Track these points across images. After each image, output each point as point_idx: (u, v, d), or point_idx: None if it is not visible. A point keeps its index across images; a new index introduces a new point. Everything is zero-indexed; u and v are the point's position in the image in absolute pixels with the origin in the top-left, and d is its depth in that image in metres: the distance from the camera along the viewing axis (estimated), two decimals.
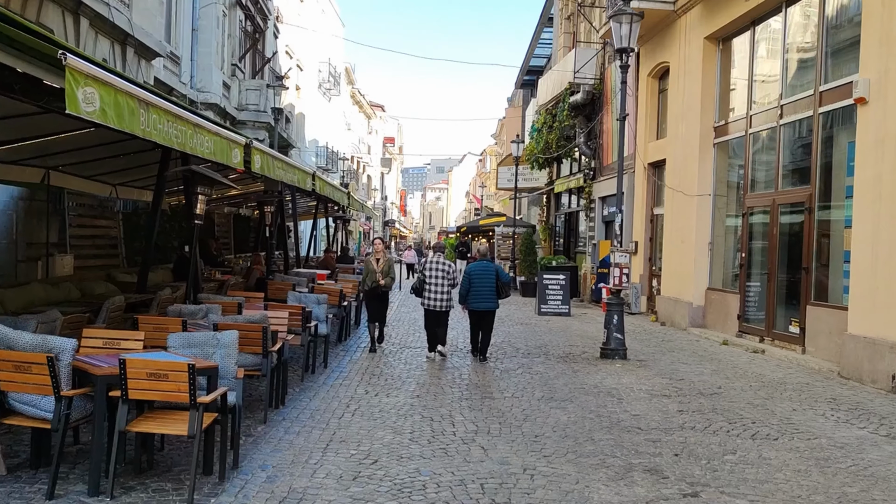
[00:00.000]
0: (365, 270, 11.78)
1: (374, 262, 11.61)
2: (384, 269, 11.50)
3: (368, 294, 11.73)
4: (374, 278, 11.48)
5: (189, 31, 19.51)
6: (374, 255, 11.82)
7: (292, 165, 10.63)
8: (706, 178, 14.98)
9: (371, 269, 11.57)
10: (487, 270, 10.99)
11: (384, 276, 11.48)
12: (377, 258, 11.64)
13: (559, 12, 27.37)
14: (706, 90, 14.95)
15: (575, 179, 23.84)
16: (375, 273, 11.48)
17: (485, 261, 11.39)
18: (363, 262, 12.00)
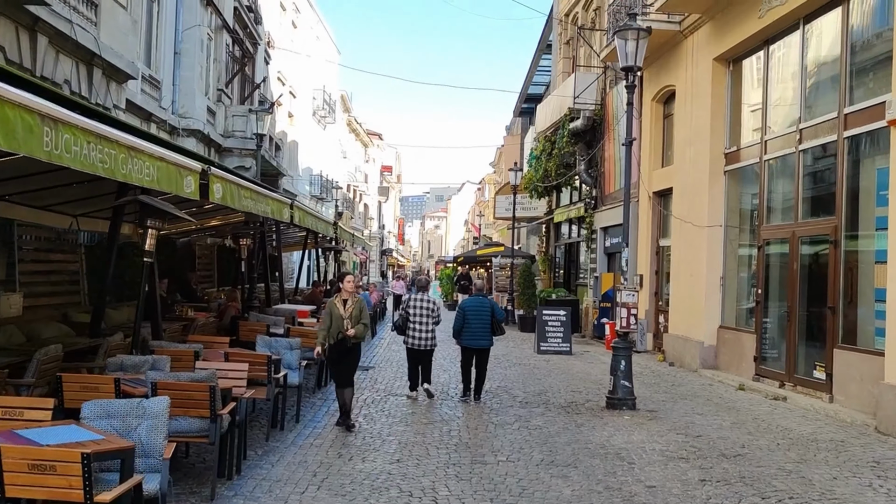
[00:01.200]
0: (326, 316, 8.76)
1: (339, 306, 8.72)
2: (354, 313, 8.66)
3: (333, 349, 8.70)
4: (340, 327, 8.61)
5: (171, 54, 18.62)
6: (342, 294, 8.87)
7: (265, 195, 9.60)
8: (717, 208, 13.97)
9: (336, 314, 8.64)
10: (482, 306, 10.68)
11: (353, 324, 8.66)
12: (344, 299, 8.78)
13: (558, 37, 26.59)
14: (716, 114, 14.00)
15: (575, 209, 22.85)
16: (342, 320, 8.60)
17: (479, 296, 11.11)
18: (326, 306, 9.17)
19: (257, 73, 26.67)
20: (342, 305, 8.77)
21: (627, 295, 10.15)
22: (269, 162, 23.98)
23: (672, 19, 15.15)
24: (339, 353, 8.75)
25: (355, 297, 8.90)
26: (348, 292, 8.88)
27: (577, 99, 20.46)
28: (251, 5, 25.03)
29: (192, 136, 18.94)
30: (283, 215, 10.80)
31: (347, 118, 53.99)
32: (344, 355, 8.75)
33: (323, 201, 40.57)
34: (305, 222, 12.47)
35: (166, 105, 18.07)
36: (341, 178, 50.00)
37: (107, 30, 12.64)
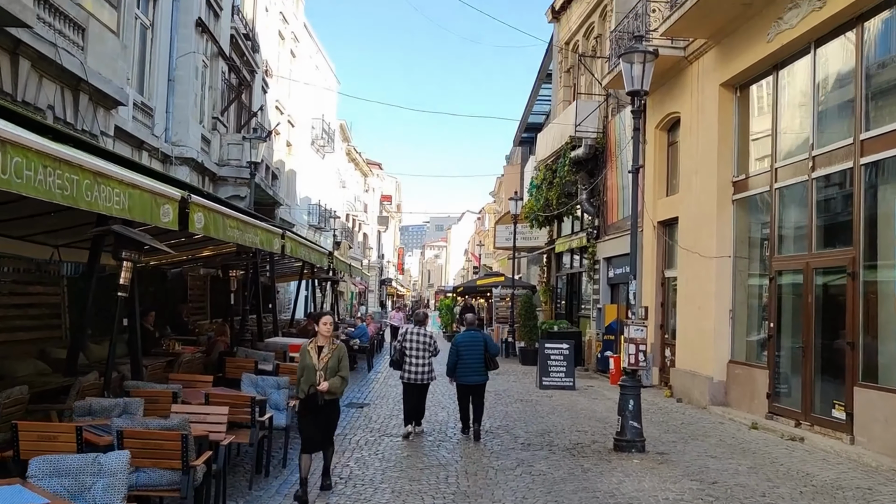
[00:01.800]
0: (299, 365, 7.33)
1: (313, 354, 7.15)
2: (330, 363, 7.09)
3: (303, 405, 7.18)
4: (312, 379, 7.06)
5: (164, 81, 18.25)
6: (317, 339, 7.29)
7: (253, 225, 9.12)
8: (725, 239, 13.48)
9: (308, 363, 7.14)
10: (475, 341, 10.50)
11: (328, 375, 7.06)
12: (320, 346, 7.21)
13: (558, 66, 26.31)
14: (723, 142, 13.57)
15: (577, 239, 22.36)
16: (314, 371, 7.05)
17: (472, 330, 10.85)
18: (300, 353, 7.53)
19: (255, 101, 26.37)
20: (316, 353, 7.18)
21: (636, 330, 9.61)
22: (265, 191, 23.56)
23: (676, 45, 14.79)
24: (309, 411, 7.11)
25: (333, 344, 7.30)
26: (325, 337, 7.27)
27: (579, 127, 20.09)
28: (248, 33, 24.80)
29: (186, 165, 18.52)
30: (274, 246, 10.31)
31: (347, 147, 53.80)
32: (316, 414, 7.10)
33: (321, 231, 40.14)
34: (298, 253, 11.98)
35: (159, 133, 17.66)
36: (340, 208, 49.65)
37: (94, 54, 12.25)
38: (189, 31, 18.82)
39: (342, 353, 7.34)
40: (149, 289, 16.20)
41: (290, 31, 33.20)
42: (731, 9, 12.26)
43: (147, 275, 16.24)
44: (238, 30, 23.20)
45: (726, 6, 12.20)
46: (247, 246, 9.59)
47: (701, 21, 12.91)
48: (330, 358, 7.17)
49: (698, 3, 12.22)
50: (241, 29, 23.58)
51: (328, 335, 7.30)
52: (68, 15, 11.39)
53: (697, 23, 13.02)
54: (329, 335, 7.32)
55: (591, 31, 22.66)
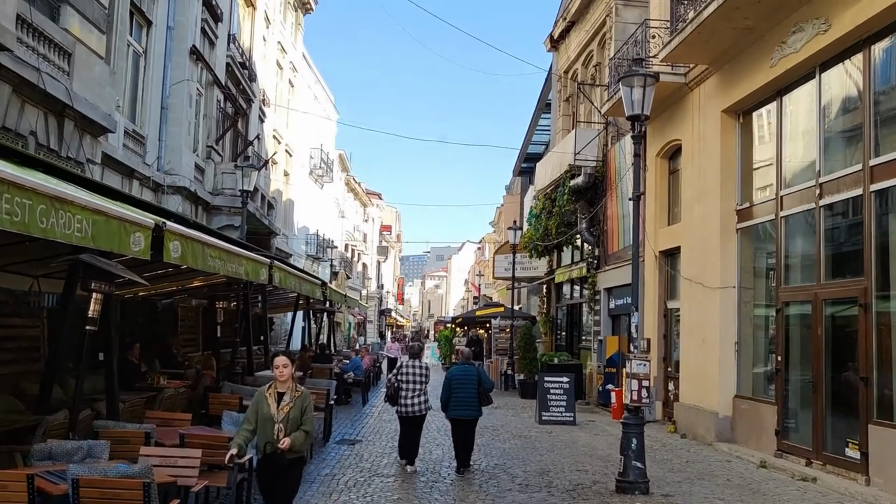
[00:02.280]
0: (251, 412, 6.08)
1: (270, 402, 5.99)
2: (292, 414, 5.92)
3: (262, 466, 6.10)
4: (271, 437, 5.89)
5: (157, 109, 17.98)
6: (276, 385, 6.08)
7: (237, 254, 8.72)
8: (729, 269, 13.07)
9: (264, 413, 5.96)
10: (469, 375, 10.32)
11: (290, 429, 5.88)
12: (279, 392, 6.02)
13: (557, 95, 26.12)
14: (725, 169, 13.22)
15: (577, 269, 21.96)
16: (272, 423, 5.90)
17: (466, 364, 10.68)
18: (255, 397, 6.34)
19: (251, 130, 26.15)
20: (275, 401, 5.96)
21: (638, 365, 9.16)
22: (260, 220, 23.24)
23: (676, 71, 14.52)
24: (269, 473, 5.99)
25: (296, 391, 6.07)
26: (282, 382, 6.03)
27: (578, 155, 19.78)
28: (245, 62, 24.64)
29: (178, 194, 18.18)
30: (261, 276, 9.89)
31: (346, 177, 53.68)
32: (277, 476, 5.97)
33: (319, 261, 39.78)
34: (287, 284, 11.56)
35: (151, 161, 17.34)
36: (339, 238, 49.35)
37: (80, 80, 11.95)
38: (183, 58, 18.59)
39: (307, 403, 6.10)
40: (137, 320, 15.81)
41: (289, 60, 33.13)
42: (732, 34, 11.98)
43: (136, 306, 15.84)
44: (234, 58, 23.02)
45: (727, 31, 11.92)
46: (232, 277, 9.17)
47: (701, 46, 12.64)
48: (292, 408, 5.94)
49: (699, 29, 11.94)
50: (237, 58, 23.41)
51: (286, 379, 6.06)
52: (53, 39, 11.11)
53: (698, 48, 12.75)
54: (287, 379, 6.08)
55: (589, 60, 22.48)
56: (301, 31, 35.68)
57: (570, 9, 22.99)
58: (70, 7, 11.79)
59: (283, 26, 31.95)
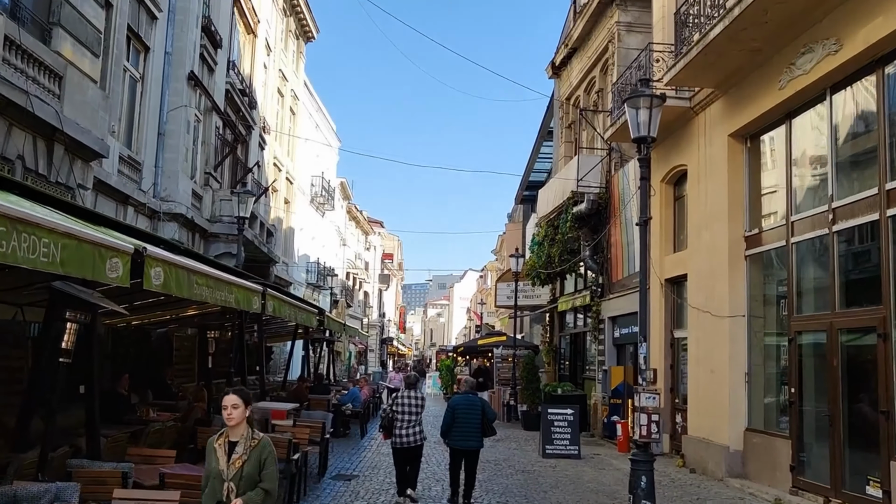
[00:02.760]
0: (205, 474, 4.96)
1: (220, 454, 4.82)
2: (247, 469, 4.78)
3: None
4: (218, 493, 4.78)
5: (154, 135, 17.74)
6: (226, 432, 4.92)
7: (227, 282, 8.35)
8: (738, 297, 12.67)
9: (213, 468, 4.84)
10: (473, 405, 10.11)
11: (243, 487, 4.75)
12: (231, 441, 4.85)
13: (559, 121, 25.90)
14: (733, 195, 12.88)
15: (580, 297, 21.54)
16: (221, 480, 4.78)
17: (470, 394, 10.48)
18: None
19: (251, 157, 25.91)
20: (224, 454, 4.79)
21: (647, 398, 8.73)
22: (258, 248, 22.91)
23: (681, 95, 14.25)
24: None
25: (253, 438, 4.86)
26: (234, 428, 4.85)
27: (581, 182, 19.48)
28: (245, 89, 24.47)
29: (174, 221, 17.87)
30: (253, 305, 9.52)
31: (347, 205, 53.47)
32: None
33: (319, 289, 39.39)
34: (282, 312, 11.18)
35: (147, 188, 17.06)
36: (340, 266, 49.00)
37: (72, 104, 11.68)
38: (181, 84, 18.39)
39: (266, 453, 4.84)
40: (129, 350, 15.40)
41: (290, 88, 33.04)
42: (739, 56, 11.70)
43: (128, 335, 15.45)
44: (234, 85, 22.85)
45: (734, 53, 11.65)
46: (221, 305, 8.78)
47: (707, 69, 12.36)
48: (246, 461, 4.74)
49: (705, 51, 11.67)
50: (237, 84, 23.24)
51: (237, 424, 4.82)
52: (44, 62, 10.85)
53: (704, 71, 12.47)
54: (239, 424, 4.83)
55: (591, 86, 22.27)
56: (303, 59, 35.65)
57: (571, 35, 22.84)
58: (62, 30, 11.56)
59: (285, 54, 31.90)
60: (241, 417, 4.89)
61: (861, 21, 9.35)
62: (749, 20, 10.54)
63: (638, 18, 19.28)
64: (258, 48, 26.73)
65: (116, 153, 15.42)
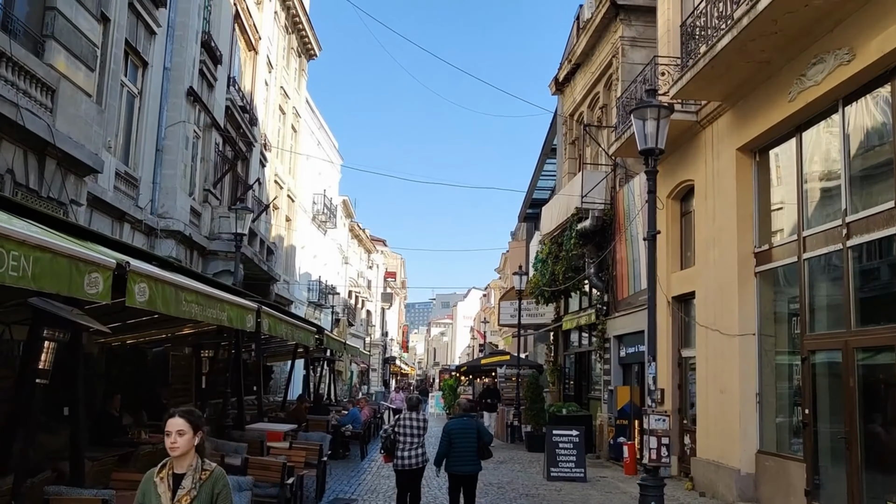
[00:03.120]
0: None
1: (161, 490, 4.02)
2: None
3: None
4: None
5: (152, 151, 17.50)
6: (170, 466, 4.07)
7: (219, 299, 8.04)
8: (748, 315, 12.32)
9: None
10: (468, 428, 9.93)
11: None
12: (175, 473, 4.04)
13: (563, 138, 25.66)
14: (742, 210, 12.56)
15: (585, 315, 21.17)
16: None
17: (465, 417, 10.32)
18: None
19: (252, 175, 25.67)
20: (168, 489, 4.02)
21: (656, 420, 8.37)
22: (258, 266, 22.61)
23: (687, 109, 13.98)
24: None
25: (203, 469, 4.09)
26: (180, 459, 4.05)
27: (585, 198, 19.19)
28: (246, 106, 24.29)
29: (172, 238, 17.58)
30: (247, 323, 9.21)
31: (350, 223, 53.24)
32: None
33: (321, 308, 39.03)
34: (277, 331, 10.85)
35: (144, 204, 16.79)
36: (342, 285, 48.68)
37: (65, 117, 11.43)
38: (179, 100, 18.18)
39: (220, 487, 4.10)
40: (125, 369, 15.07)
41: (292, 106, 32.89)
42: (747, 68, 11.43)
43: (123, 355, 15.12)
44: (234, 102, 22.66)
45: (742, 65, 11.37)
46: (213, 323, 8.46)
47: (715, 82, 12.09)
48: (195, 497, 4.00)
49: (712, 63, 11.40)
50: (237, 101, 23.05)
51: (183, 454, 4.03)
52: (35, 74, 10.61)
53: (711, 84, 12.20)
54: (186, 454, 4.05)
55: (595, 102, 22.05)
56: (305, 77, 35.54)
57: (575, 51, 22.64)
58: (56, 42, 11.33)
59: (287, 72, 31.78)
60: (189, 445, 4.04)
61: (874, 30, 9.07)
62: (758, 31, 10.27)
63: (642, 33, 19.08)
64: (259, 65, 26.59)
65: (112, 169, 15.19)
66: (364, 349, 54.07)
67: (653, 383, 8.81)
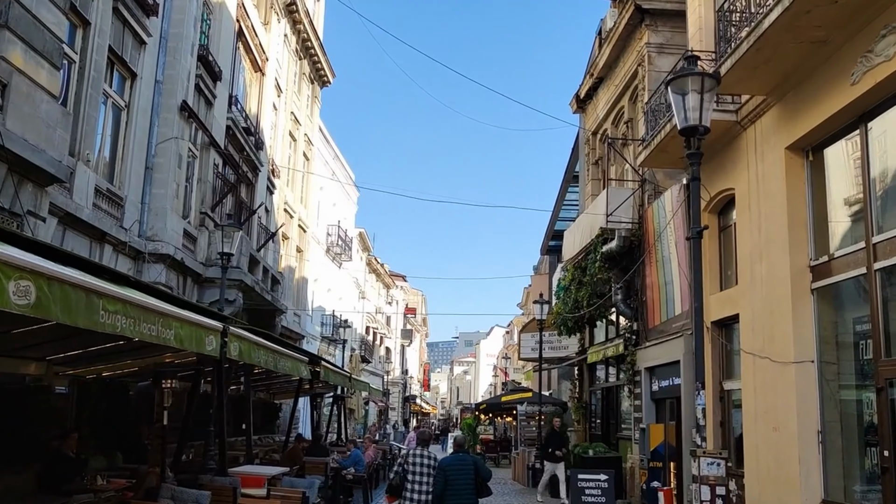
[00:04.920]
0: None
1: None
2: None
3: None
4: None
5: (140, 168, 16.23)
6: None
7: (159, 312, 6.51)
8: (805, 338, 10.55)
9: None
10: (465, 465, 9.52)
11: None
12: None
13: (585, 158, 24.13)
14: (794, 217, 10.87)
15: (612, 346, 19.35)
16: None
17: (461, 452, 9.93)
18: None
19: (257, 201, 24.35)
20: None
21: (710, 465, 6.64)
22: (260, 295, 21.14)
23: (725, 107, 12.38)
24: None
25: None
26: None
27: (611, 217, 17.54)
28: (250, 128, 23.07)
29: (161, 262, 16.19)
30: (206, 346, 7.66)
31: (367, 257, 51.85)
32: None
33: (335, 343, 37.43)
34: (252, 358, 9.26)
35: (129, 225, 15.44)
36: (359, 321, 47.14)
37: (19, 116, 10.07)
38: (172, 115, 16.94)
39: None
40: (99, 406, 13.56)
41: (303, 133, 31.75)
42: (798, 50, 9.84)
43: (99, 389, 13.65)
44: (237, 122, 21.44)
45: (792, 47, 9.79)
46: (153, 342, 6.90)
47: (759, 70, 10.51)
48: None
49: (757, 45, 9.84)
50: (240, 122, 21.84)
51: None
52: None
53: (754, 73, 10.61)
54: None
55: (620, 117, 20.55)
56: (318, 104, 34.48)
57: (597, 64, 21.22)
58: (9, 32, 10.02)
59: (298, 97, 30.70)
60: None
61: None
62: (813, 0, 8.72)
63: (670, 39, 17.63)
64: (267, 87, 25.47)
65: (91, 184, 13.89)
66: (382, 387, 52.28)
67: (702, 417, 7.10)
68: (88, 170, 13.83)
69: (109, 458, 12.97)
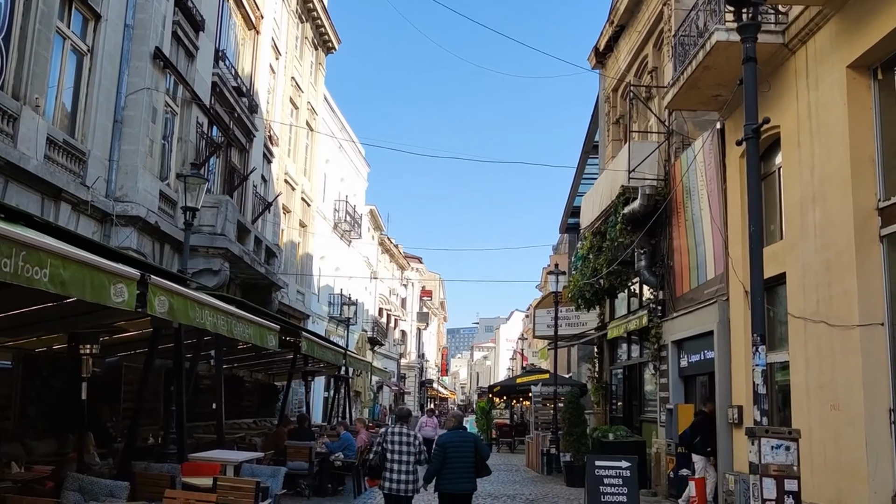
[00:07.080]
0: None
1: None
2: None
3: None
4: None
5: (107, 122, 14.56)
6: None
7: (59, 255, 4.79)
8: (873, 297, 8.66)
9: None
10: (465, 442, 9.18)
11: None
12: None
13: (605, 119, 22.20)
14: (857, 151, 8.96)
15: (635, 319, 17.42)
16: None
17: (460, 429, 9.59)
18: None
19: (251, 166, 22.67)
20: None
21: (774, 449, 4.81)
22: (252, 267, 19.47)
23: (770, 27, 10.45)
24: None
25: None
26: None
27: (633, 173, 15.65)
28: (242, 88, 21.36)
29: (131, 225, 14.54)
30: (111, 297, 5.93)
31: (380, 236, 50.13)
32: None
33: (343, 323, 35.73)
34: (195, 320, 7.48)
35: (92, 182, 13.79)
36: (371, 301, 45.52)
37: None
38: (144, 63, 15.21)
39: None
40: (49, 383, 12.01)
41: (306, 101, 29.98)
42: None
43: (50, 364, 12.09)
44: (226, 80, 19.73)
45: None
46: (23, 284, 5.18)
47: None
48: None
49: None
50: (229, 80, 20.12)
51: None
52: None
53: None
54: None
55: (644, 67, 18.61)
56: (322, 72, 32.70)
57: (617, 9, 19.26)
58: None
59: (300, 62, 28.95)
60: None
61: None
62: None
63: None
64: (262, 47, 23.72)
65: (42, 133, 12.27)
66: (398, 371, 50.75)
67: (762, 382, 5.27)
68: (38, 115, 12.18)
69: (61, 442, 11.43)
